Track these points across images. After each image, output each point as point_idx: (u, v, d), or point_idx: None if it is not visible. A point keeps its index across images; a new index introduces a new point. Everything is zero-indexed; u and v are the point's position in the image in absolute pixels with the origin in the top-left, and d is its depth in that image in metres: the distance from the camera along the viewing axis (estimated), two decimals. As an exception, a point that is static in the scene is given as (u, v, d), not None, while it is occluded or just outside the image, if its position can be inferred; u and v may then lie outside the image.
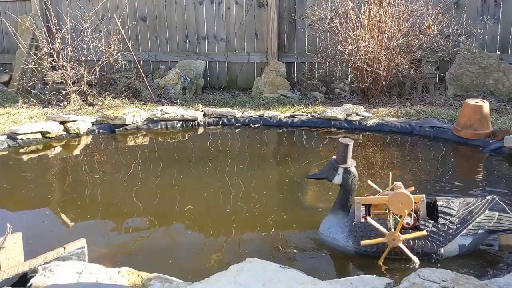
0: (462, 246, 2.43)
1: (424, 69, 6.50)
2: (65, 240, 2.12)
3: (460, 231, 2.42)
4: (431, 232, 2.41)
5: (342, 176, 2.59)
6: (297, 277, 1.87)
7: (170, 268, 2.37)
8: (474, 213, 2.46)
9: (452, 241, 2.42)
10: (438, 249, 2.41)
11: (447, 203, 2.50)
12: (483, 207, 2.48)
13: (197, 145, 4.92)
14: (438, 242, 2.41)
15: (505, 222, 2.46)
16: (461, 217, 2.45)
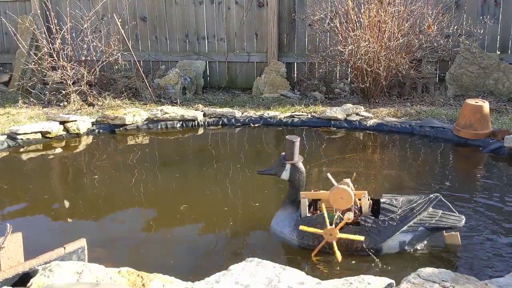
0: (402, 242, 2.46)
1: (424, 69, 6.50)
2: (65, 240, 2.11)
3: (400, 228, 2.44)
4: (371, 228, 2.45)
5: (290, 172, 2.64)
6: (297, 277, 1.87)
7: (170, 268, 2.37)
8: (415, 210, 2.48)
9: (392, 237, 2.44)
10: (377, 244, 2.44)
11: (390, 200, 2.53)
12: (425, 205, 2.50)
13: (197, 145, 4.93)
14: (378, 238, 2.44)
15: (447, 220, 2.49)
16: (402, 214, 2.47)
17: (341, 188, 2.45)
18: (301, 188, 2.66)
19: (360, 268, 2.34)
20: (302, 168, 2.65)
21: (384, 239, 2.44)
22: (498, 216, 2.95)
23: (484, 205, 3.14)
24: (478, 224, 2.84)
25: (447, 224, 2.48)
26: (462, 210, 3.06)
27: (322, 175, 3.80)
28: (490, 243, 2.60)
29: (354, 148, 4.62)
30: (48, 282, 1.81)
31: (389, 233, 2.44)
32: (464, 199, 3.28)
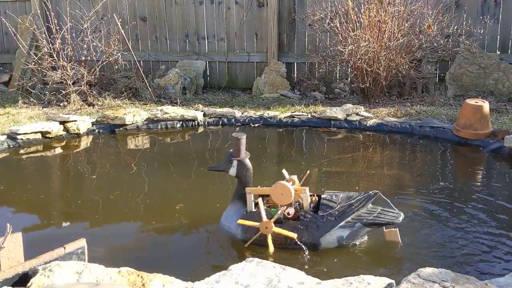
0: (340, 238, 2.51)
1: (424, 69, 6.50)
2: (65, 240, 2.11)
3: (338, 223, 2.49)
4: (310, 223, 2.50)
5: (236, 168, 2.70)
6: (297, 277, 1.87)
7: (170, 268, 2.37)
8: (354, 206, 2.52)
9: (331, 233, 2.50)
10: (316, 239, 2.50)
11: (330, 196, 2.59)
12: (364, 201, 2.53)
13: (197, 145, 4.93)
14: (316, 233, 2.49)
15: (384, 216, 2.52)
16: (341, 210, 2.52)
17: (281, 184, 2.52)
18: (248, 184, 2.71)
19: (360, 268, 2.34)
20: (249, 165, 2.72)
21: (322, 234, 2.50)
22: (498, 216, 2.95)
23: (484, 205, 3.14)
24: (478, 224, 2.84)
25: (384, 220, 2.52)
26: (462, 210, 3.07)
27: (322, 175, 3.80)
28: (490, 243, 2.60)
29: (354, 148, 4.62)
30: (48, 282, 1.81)
31: (327, 228, 2.49)
32: (464, 199, 3.29)
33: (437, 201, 3.20)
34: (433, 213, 3.00)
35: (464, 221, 2.88)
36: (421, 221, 2.88)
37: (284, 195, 2.51)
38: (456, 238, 2.66)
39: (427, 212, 3.02)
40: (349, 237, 2.52)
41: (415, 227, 2.81)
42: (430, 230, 2.77)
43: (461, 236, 2.69)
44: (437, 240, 2.64)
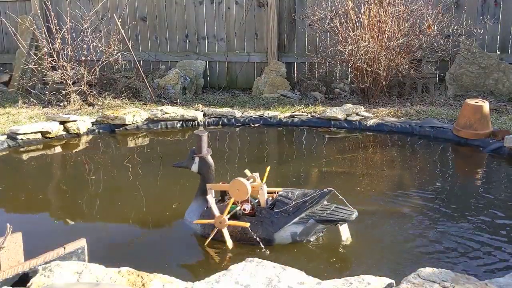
0: (294, 233, 2.56)
1: (424, 69, 6.50)
2: (65, 240, 2.11)
3: (292, 220, 2.54)
4: (265, 219, 2.56)
5: (198, 165, 2.78)
6: (297, 277, 1.87)
7: (170, 268, 2.37)
8: (308, 203, 2.56)
9: (285, 228, 2.55)
10: (270, 235, 2.56)
11: (287, 193, 2.63)
12: (318, 198, 2.57)
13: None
14: (271, 228, 2.55)
15: (338, 213, 2.56)
16: (295, 206, 2.56)
17: (238, 181, 2.59)
18: (210, 180, 2.78)
19: (360, 268, 2.34)
20: (210, 161, 2.80)
21: (276, 229, 2.55)
22: (498, 216, 2.95)
23: (484, 205, 3.14)
24: (478, 224, 2.84)
25: (337, 217, 2.55)
26: (462, 210, 3.07)
27: (322, 175, 3.80)
28: (490, 243, 2.60)
29: (354, 148, 4.62)
30: (48, 282, 1.81)
31: (281, 224, 2.55)
32: (464, 199, 3.29)
33: (437, 201, 3.20)
34: (433, 213, 3.00)
35: (464, 221, 2.88)
36: (421, 221, 2.88)
37: (240, 191, 2.58)
38: (456, 238, 2.66)
39: (426, 212, 3.02)
40: (302, 233, 2.57)
41: (415, 227, 2.81)
42: (430, 230, 2.77)
43: (461, 236, 2.69)
44: (437, 240, 2.64)
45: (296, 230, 2.56)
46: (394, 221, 2.91)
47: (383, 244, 2.63)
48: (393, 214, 3.01)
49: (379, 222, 2.88)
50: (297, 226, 2.56)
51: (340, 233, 2.60)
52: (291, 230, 2.56)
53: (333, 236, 2.73)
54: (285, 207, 2.56)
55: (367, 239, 2.69)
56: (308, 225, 2.56)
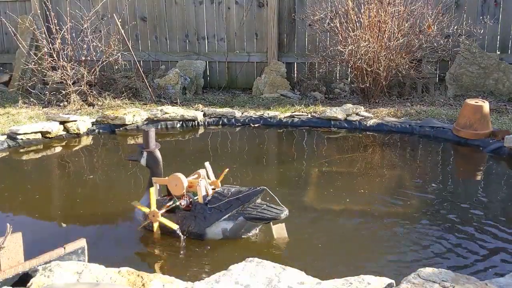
0: (224, 230, 2.63)
1: (424, 69, 6.50)
2: (65, 240, 2.11)
3: (222, 216, 2.61)
4: (198, 214, 2.65)
5: (146, 159, 2.88)
6: (297, 277, 1.87)
7: (170, 268, 2.37)
8: (240, 201, 2.61)
9: (216, 224, 2.62)
10: (202, 229, 2.64)
11: (222, 190, 2.70)
12: (251, 196, 2.61)
13: (197, 145, 4.93)
14: (203, 223, 2.63)
15: (267, 212, 2.59)
16: (227, 203, 2.62)
17: (175, 176, 2.69)
18: (157, 174, 2.87)
19: (360, 268, 2.34)
20: (158, 156, 2.89)
21: (208, 225, 2.63)
22: (498, 216, 2.95)
23: (484, 205, 3.14)
24: (478, 224, 2.84)
25: (266, 216, 2.58)
26: (462, 210, 3.07)
27: (322, 175, 3.80)
28: (490, 243, 2.60)
29: (354, 148, 4.62)
30: (48, 282, 1.81)
31: (213, 220, 2.63)
32: (464, 199, 3.29)
33: (436, 201, 3.20)
34: (433, 213, 3.00)
35: (464, 221, 2.88)
36: (421, 221, 2.88)
37: (177, 186, 2.69)
38: (456, 238, 2.66)
39: (426, 212, 3.02)
40: (233, 230, 2.63)
41: (414, 227, 2.81)
42: (429, 230, 2.77)
43: (461, 236, 2.69)
44: (437, 240, 2.64)
45: (227, 226, 2.63)
46: (394, 221, 2.90)
47: (382, 244, 2.63)
48: (393, 214, 3.01)
49: (379, 222, 2.88)
50: (227, 222, 2.62)
51: (273, 232, 2.63)
52: (222, 226, 2.63)
53: (333, 236, 2.73)
54: (218, 203, 2.64)
55: (366, 239, 2.69)
56: (238, 222, 2.61)
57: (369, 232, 2.78)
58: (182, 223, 2.66)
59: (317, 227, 2.86)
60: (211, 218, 2.63)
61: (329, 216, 3.02)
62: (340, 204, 3.18)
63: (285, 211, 2.58)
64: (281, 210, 2.58)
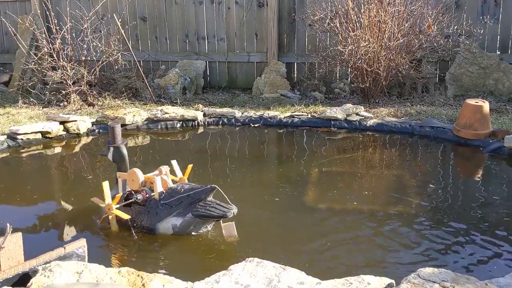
0: (174, 226, 2.70)
1: (424, 69, 6.50)
2: (65, 240, 2.11)
3: (172, 212, 2.68)
4: (151, 209, 2.73)
5: (112, 154, 2.98)
6: (297, 277, 1.87)
7: (170, 268, 2.37)
8: (190, 198, 2.67)
9: (166, 220, 2.70)
10: (153, 224, 2.72)
11: (176, 186, 2.77)
12: (201, 194, 2.66)
13: (197, 145, 4.93)
14: (155, 219, 2.71)
15: (214, 210, 2.62)
16: (178, 200, 2.69)
17: (132, 171, 2.80)
18: (122, 169, 2.96)
19: (360, 268, 2.34)
20: (124, 151, 2.97)
21: (158, 220, 2.71)
22: (498, 216, 2.95)
23: (484, 205, 3.14)
24: (478, 224, 2.84)
25: (213, 214, 2.62)
26: (462, 210, 3.07)
27: (322, 175, 3.80)
28: (490, 243, 2.60)
29: (354, 148, 4.62)
30: (48, 282, 1.81)
31: (163, 216, 2.70)
32: (464, 199, 3.29)
33: (437, 201, 3.20)
34: (433, 213, 3.00)
35: (464, 221, 2.88)
36: (421, 221, 2.89)
37: (134, 181, 2.79)
38: (456, 238, 2.66)
39: (426, 212, 3.02)
40: (182, 226, 2.68)
41: (415, 227, 2.81)
42: (429, 229, 2.77)
43: (461, 236, 2.69)
44: (437, 240, 2.64)
45: (176, 222, 2.68)
46: (394, 221, 2.91)
47: (382, 244, 2.63)
48: (393, 214, 3.01)
49: (379, 222, 2.88)
50: (177, 219, 2.68)
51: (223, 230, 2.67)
52: (172, 222, 2.69)
53: (333, 236, 2.73)
54: (170, 199, 2.70)
55: (366, 238, 2.69)
56: (186, 219, 2.67)
57: (369, 232, 2.78)
58: (137, 217, 2.77)
59: (316, 226, 2.86)
60: (162, 214, 2.70)
61: (328, 216, 3.02)
62: (340, 204, 3.18)
63: (232, 209, 2.61)
64: (228, 209, 2.61)
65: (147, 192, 2.80)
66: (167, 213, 2.69)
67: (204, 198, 2.65)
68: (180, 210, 2.67)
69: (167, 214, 2.69)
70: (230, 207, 2.62)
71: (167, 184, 2.80)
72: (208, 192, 2.65)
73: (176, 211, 2.68)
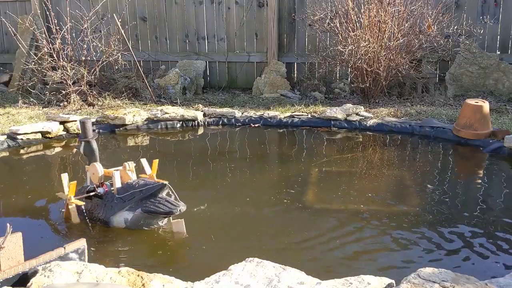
0: (126, 220, 2.79)
1: (424, 69, 6.50)
2: (65, 240, 2.11)
3: (124, 207, 2.78)
4: (107, 203, 2.85)
5: (83, 148, 3.09)
6: (297, 277, 1.87)
7: (170, 268, 2.37)
8: (142, 193, 2.74)
9: (119, 214, 2.80)
10: (107, 217, 2.83)
11: (132, 182, 2.86)
12: (152, 190, 2.72)
13: (197, 145, 4.93)
14: (109, 212, 2.82)
15: (163, 207, 2.68)
16: (131, 194, 2.77)
17: (93, 165, 2.93)
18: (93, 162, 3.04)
19: (360, 268, 2.34)
20: (93, 145, 3.07)
21: (112, 213, 2.82)
22: (498, 216, 2.95)
23: (484, 205, 3.14)
24: (478, 224, 2.84)
25: (160, 210, 2.68)
26: (462, 210, 3.07)
27: (322, 175, 3.80)
28: (490, 243, 2.60)
29: (354, 148, 4.62)
30: (48, 282, 1.81)
31: (116, 210, 2.80)
32: (464, 199, 3.29)
33: (436, 201, 3.20)
34: (433, 213, 3.00)
35: (464, 221, 2.88)
36: (420, 221, 2.88)
37: (94, 175, 2.93)
38: (456, 238, 2.66)
39: (426, 212, 3.02)
40: (133, 221, 2.77)
41: (414, 227, 2.80)
42: (429, 230, 2.77)
43: (460, 236, 2.69)
44: (437, 239, 2.64)
45: (128, 217, 2.78)
46: (394, 221, 2.90)
47: (382, 244, 2.63)
48: (393, 214, 3.01)
49: (379, 222, 2.88)
50: (128, 213, 2.77)
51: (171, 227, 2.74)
52: (124, 216, 2.78)
53: (332, 235, 2.73)
54: (124, 194, 2.79)
55: (366, 238, 2.69)
56: (136, 214, 2.75)
57: (369, 231, 2.77)
58: (95, 209, 2.89)
59: (315, 226, 2.86)
60: (116, 208, 2.80)
61: (328, 216, 3.02)
62: (340, 203, 3.18)
63: (179, 207, 2.66)
64: (176, 206, 2.66)
65: (107, 186, 2.92)
66: (120, 207, 2.79)
67: (155, 194, 2.72)
68: (132, 205, 2.76)
69: (120, 208, 2.79)
70: (178, 204, 2.68)
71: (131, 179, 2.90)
72: (159, 188, 2.71)
73: (128, 206, 2.77)
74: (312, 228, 2.82)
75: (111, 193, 2.87)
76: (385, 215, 2.98)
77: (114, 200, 2.82)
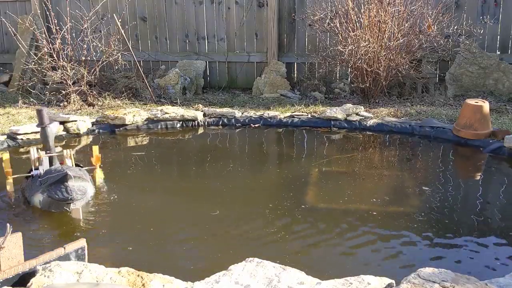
0: (39, 201, 3.07)
1: (424, 69, 6.50)
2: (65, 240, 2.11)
3: (39, 189, 3.07)
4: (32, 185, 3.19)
5: (40, 134, 3.40)
6: (297, 277, 1.87)
7: (170, 268, 2.37)
8: (51, 179, 3.02)
9: (36, 195, 3.09)
10: (29, 197, 3.16)
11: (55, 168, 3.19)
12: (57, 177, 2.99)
13: (197, 145, 4.93)
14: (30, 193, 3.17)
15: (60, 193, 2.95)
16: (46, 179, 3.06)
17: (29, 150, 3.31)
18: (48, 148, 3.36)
19: (360, 268, 2.34)
20: (48, 132, 3.36)
21: (31, 194, 3.14)
22: (498, 216, 2.95)
23: (484, 205, 3.14)
24: (478, 224, 2.84)
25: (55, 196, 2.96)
26: (462, 210, 3.07)
27: (322, 175, 3.80)
28: (490, 243, 2.60)
29: (354, 148, 4.62)
30: (48, 282, 1.81)
31: (33, 192, 3.13)
32: (464, 199, 3.29)
33: (436, 201, 3.20)
34: (432, 213, 3.00)
35: (463, 221, 2.89)
36: (420, 221, 2.89)
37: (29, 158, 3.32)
38: (456, 238, 2.66)
39: (426, 212, 3.02)
40: (43, 203, 3.05)
41: (414, 227, 2.81)
42: (429, 230, 2.77)
43: (461, 236, 2.69)
44: (436, 239, 2.64)
45: (40, 199, 3.06)
46: (394, 221, 2.90)
47: (382, 244, 2.63)
48: (393, 214, 3.01)
49: (379, 222, 2.88)
50: (41, 195, 3.05)
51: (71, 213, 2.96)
52: (38, 198, 3.07)
53: (332, 235, 2.73)
54: (43, 178, 3.10)
55: (366, 238, 2.68)
56: (44, 197, 3.04)
57: (369, 231, 2.78)
58: (25, 189, 3.28)
59: (315, 226, 2.86)
60: (34, 189, 3.12)
61: (328, 216, 3.02)
62: (340, 203, 3.18)
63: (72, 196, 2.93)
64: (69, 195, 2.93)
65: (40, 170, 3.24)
66: (36, 189, 3.09)
67: (61, 181, 2.96)
68: (44, 188, 3.03)
69: (36, 190, 3.09)
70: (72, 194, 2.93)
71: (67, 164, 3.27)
72: (62, 177, 2.96)
73: (41, 189, 3.05)
74: (312, 228, 2.82)
75: (37, 177, 3.18)
76: (385, 215, 2.98)
77: (35, 183, 3.14)
